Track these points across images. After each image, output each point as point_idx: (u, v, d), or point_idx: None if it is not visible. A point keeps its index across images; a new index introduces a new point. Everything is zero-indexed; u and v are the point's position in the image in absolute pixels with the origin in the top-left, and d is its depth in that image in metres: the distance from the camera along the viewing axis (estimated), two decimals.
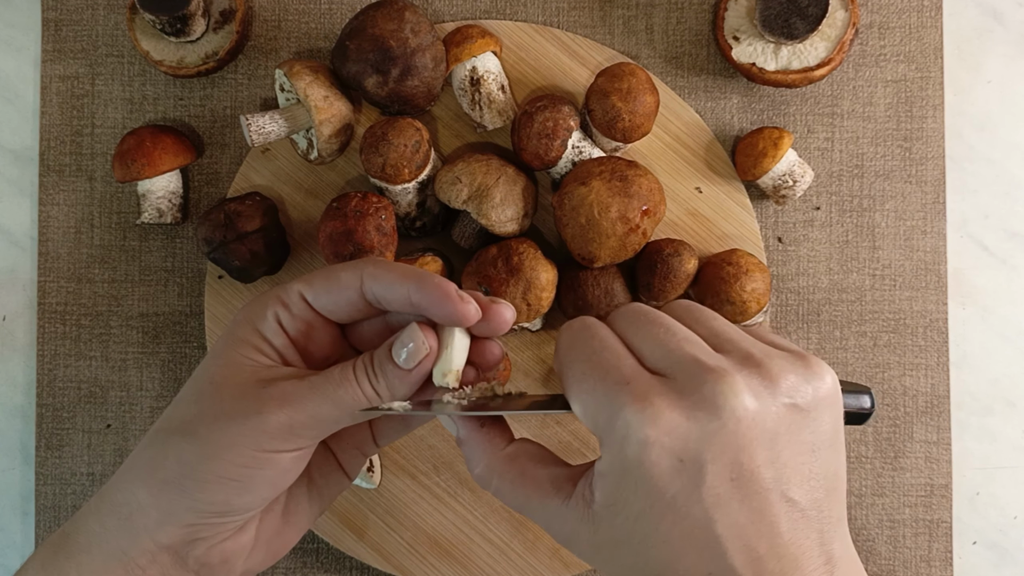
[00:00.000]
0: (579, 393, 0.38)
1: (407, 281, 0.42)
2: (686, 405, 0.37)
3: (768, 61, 0.64)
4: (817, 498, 0.37)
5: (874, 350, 0.67)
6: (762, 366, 0.37)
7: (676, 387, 0.37)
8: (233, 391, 0.42)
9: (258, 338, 0.43)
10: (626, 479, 0.37)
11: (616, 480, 0.37)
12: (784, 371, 0.37)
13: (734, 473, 0.37)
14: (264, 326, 0.43)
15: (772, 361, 0.37)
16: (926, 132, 0.67)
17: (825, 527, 0.37)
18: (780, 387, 0.37)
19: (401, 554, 0.65)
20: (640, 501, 0.37)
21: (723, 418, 0.36)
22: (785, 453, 0.37)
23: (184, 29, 0.63)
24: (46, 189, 0.68)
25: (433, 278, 0.42)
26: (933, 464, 0.66)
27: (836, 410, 0.39)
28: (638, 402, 0.37)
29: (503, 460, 0.42)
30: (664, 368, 0.38)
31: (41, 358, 0.68)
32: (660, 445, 0.36)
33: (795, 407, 0.37)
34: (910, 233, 0.67)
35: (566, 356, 0.40)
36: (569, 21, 0.67)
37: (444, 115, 0.66)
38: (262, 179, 0.66)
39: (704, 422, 0.36)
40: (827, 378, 0.38)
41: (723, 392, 0.36)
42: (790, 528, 0.37)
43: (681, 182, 0.66)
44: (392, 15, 0.61)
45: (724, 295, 0.60)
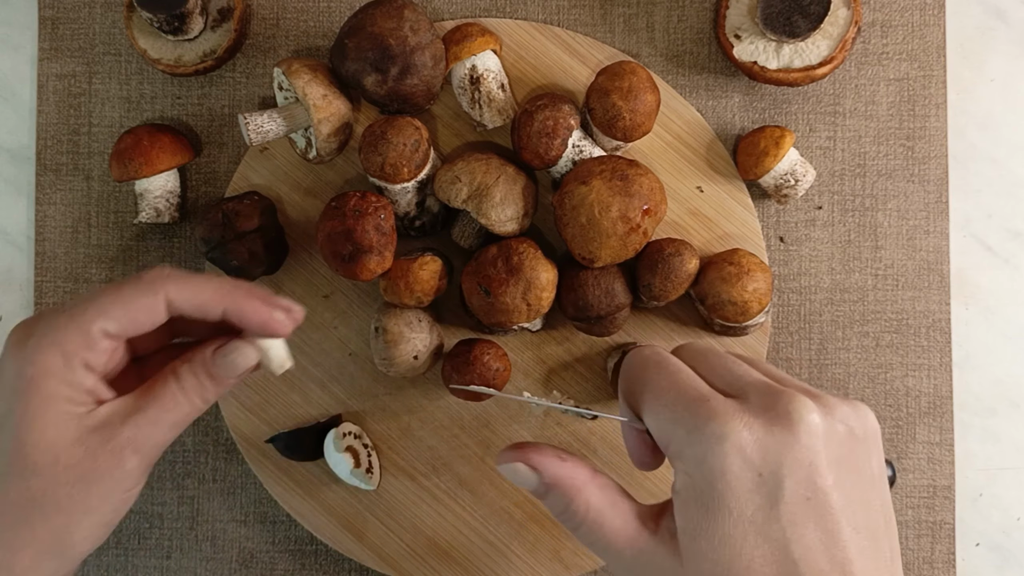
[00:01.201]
0: (656, 409, 0.40)
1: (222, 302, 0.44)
2: (763, 420, 0.39)
3: (770, 59, 0.63)
4: (877, 529, 0.39)
5: (876, 350, 0.66)
6: (819, 396, 0.40)
7: (750, 406, 0.39)
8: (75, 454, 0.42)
9: (71, 389, 0.42)
10: (707, 496, 0.38)
11: (695, 498, 0.39)
12: (838, 402, 0.40)
13: (808, 492, 0.38)
14: (74, 376, 0.42)
15: (826, 393, 0.41)
16: (929, 131, 0.66)
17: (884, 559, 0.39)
18: (837, 414, 0.40)
19: (400, 556, 0.65)
20: (722, 522, 0.38)
21: (798, 432, 0.38)
22: (849, 479, 0.39)
23: (182, 27, 0.63)
24: (43, 188, 0.67)
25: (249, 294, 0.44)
26: (936, 465, 0.66)
27: (881, 447, 0.42)
28: (719, 417, 0.38)
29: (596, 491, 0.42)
30: (736, 391, 0.40)
31: None
32: (741, 457, 0.38)
33: (853, 434, 0.40)
34: (913, 233, 0.66)
35: (639, 375, 0.42)
36: (569, 19, 0.67)
37: (444, 114, 0.66)
38: (260, 178, 0.66)
39: (780, 435, 0.38)
40: (872, 415, 0.41)
41: (797, 408, 0.39)
42: (859, 556, 0.38)
43: (682, 181, 0.65)
44: (391, 13, 0.61)
45: (725, 295, 0.60)
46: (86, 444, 0.42)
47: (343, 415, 0.66)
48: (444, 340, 0.64)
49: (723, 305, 0.60)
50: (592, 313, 0.60)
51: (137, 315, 0.43)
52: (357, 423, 0.66)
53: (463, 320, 0.65)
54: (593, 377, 0.65)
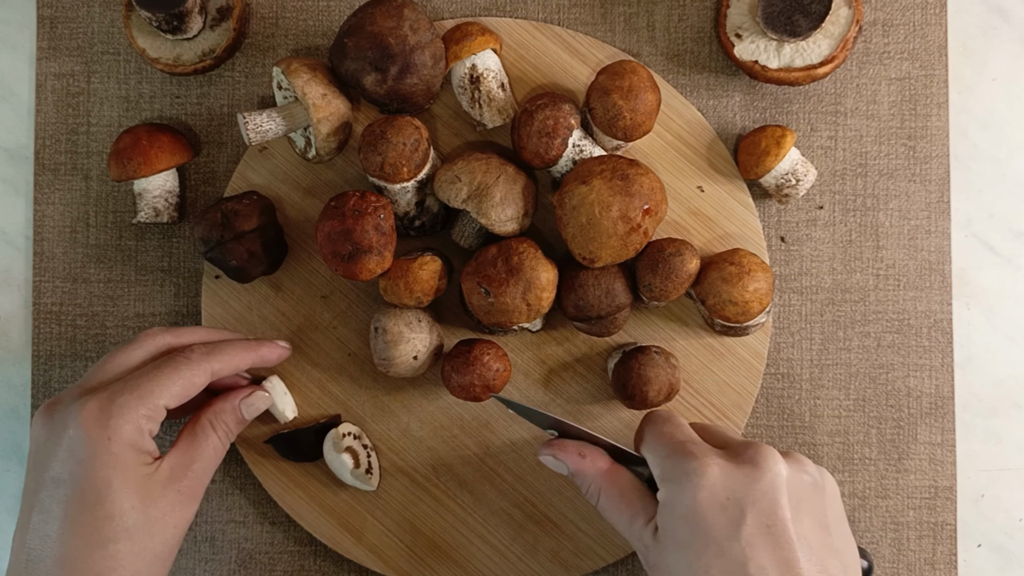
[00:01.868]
0: (655, 447, 0.52)
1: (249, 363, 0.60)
2: (735, 463, 0.49)
3: (771, 59, 0.63)
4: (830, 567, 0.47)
5: (878, 351, 0.66)
6: (791, 455, 0.51)
7: (727, 453, 0.50)
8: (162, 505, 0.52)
9: (140, 454, 0.52)
10: (679, 511, 0.49)
11: (671, 511, 0.49)
12: (806, 460, 0.51)
13: (768, 521, 0.47)
14: (144, 446, 0.52)
15: (798, 454, 0.52)
16: (930, 130, 0.66)
17: None
18: (803, 466, 0.50)
19: (400, 557, 0.65)
20: (689, 533, 0.48)
21: (763, 473, 0.48)
22: (808, 519, 0.48)
23: (181, 26, 0.63)
24: (41, 188, 0.67)
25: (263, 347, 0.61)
26: (937, 466, 0.66)
27: (839, 501, 0.52)
28: (700, 456, 0.50)
29: (606, 479, 0.54)
30: (721, 446, 0.52)
31: (36, 359, 0.67)
32: (711, 488, 0.48)
33: (815, 483, 0.50)
34: (914, 232, 0.66)
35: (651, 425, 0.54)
36: (570, 18, 0.67)
37: (443, 113, 0.65)
38: (259, 178, 0.66)
39: (747, 474, 0.48)
40: (832, 479, 0.52)
41: (765, 456, 0.49)
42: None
43: (683, 181, 0.65)
44: (391, 12, 0.61)
45: (726, 295, 0.60)
46: (158, 502, 0.52)
47: (342, 416, 0.65)
48: (444, 340, 0.64)
49: (724, 305, 0.60)
50: (592, 313, 0.60)
51: (190, 389, 0.55)
52: (356, 424, 0.65)
53: (463, 320, 0.65)
54: (593, 377, 0.65)
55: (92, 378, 0.55)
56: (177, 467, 0.54)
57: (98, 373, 0.55)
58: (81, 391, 0.54)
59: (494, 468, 0.65)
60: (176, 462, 0.54)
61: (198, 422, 0.57)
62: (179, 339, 0.58)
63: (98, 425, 0.50)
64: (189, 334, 0.59)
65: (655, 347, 0.62)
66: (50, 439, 0.52)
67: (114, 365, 0.55)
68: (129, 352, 0.56)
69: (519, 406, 0.57)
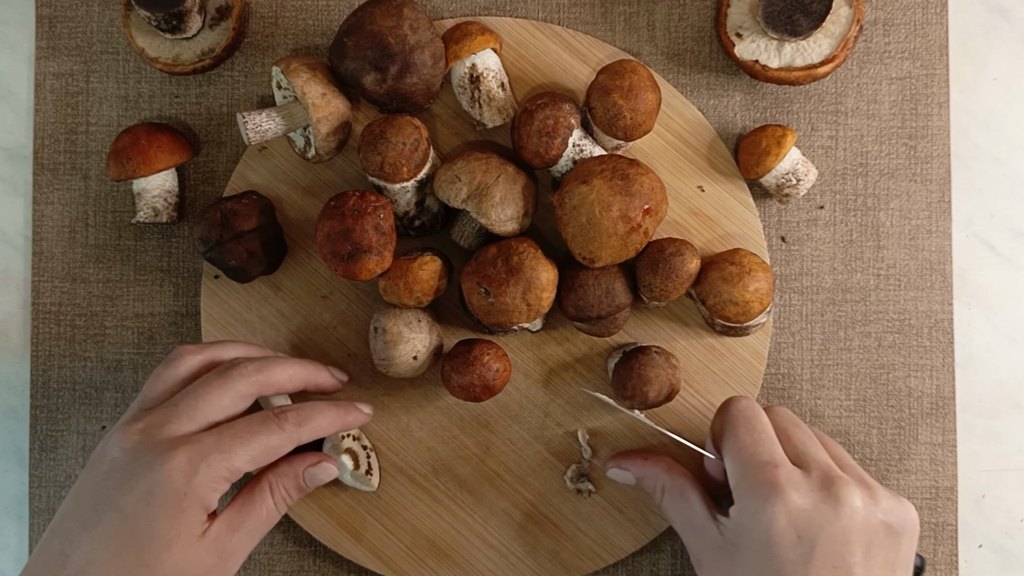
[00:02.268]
0: (735, 458, 0.53)
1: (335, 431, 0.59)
2: (815, 497, 0.50)
3: (771, 58, 0.63)
4: None
5: (879, 351, 0.66)
6: (872, 487, 0.52)
7: (809, 481, 0.51)
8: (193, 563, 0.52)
9: (203, 513, 0.52)
10: (751, 532, 0.51)
11: (742, 528, 0.52)
12: (886, 495, 0.52)
13: (836, 563, 0.49)
14: (209, 502, 0.52)
15: (878, 486, 0.53)
16: (931, 130, 0.66)
17: None
18: (881, 505, 0.51)
19: (400, 557, 0.65)
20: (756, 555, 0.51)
21: (840, 512, 0.50)
22: (875, 563, 0.50)
23: (180, 26, 0.63)
24: (40, 188, 0.67)
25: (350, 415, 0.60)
26: (938, 466, 0.66)
27: (915, 540, 0.52)
28: (779, 483, 0.51)
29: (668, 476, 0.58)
30: (804, 464, 0.53)
31: (35, 359, 0.67)
32: (788, 519, 0.50)
33: (889, 526, 0.51)
34: (915, 232, 0.66)
35: (731, 425, 0.55)
36: (570, 18, 0.66)
37: (443, 113, 0.65)
38: (259, 178, 0.66)
39: (825, 512, 0.50)
40: (913, 511, 0.53)
41: (845, 494, 0.50)
42: None
43: (683, 181, 0.65)
44: (391, 12, 0.60)
45: (727, 295, 0.60)
46: (206, 559, 0.52)
47: None
48: (444, 340, 0.64)
49: (724, 305, 0.60)
50: (592, 313, 0.60)
51: (273, 456, 0.55)
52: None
53: (463, 320, 0.65)
54: (593, 377, 0.65)
55: (149, 399, 0.56)
56: (224, 530, 0.54)
57: (152, 394, 0.56)
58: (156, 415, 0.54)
59: (494, 468, 0.65)
60: (225, 526, 0.54)
61: (258, 484, 0.57)
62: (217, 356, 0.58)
63: (183, 479, 0.51)
64: (227, 350, 0.59)
65: (655, 347, 0.62)
66: (131, 468, 0.51)
67: (164, 386, 0.56)
68: (172, 371, 0.57)
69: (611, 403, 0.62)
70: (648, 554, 0.66)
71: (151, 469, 0.51)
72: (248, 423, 0.54)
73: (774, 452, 0.53)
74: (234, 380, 0.55)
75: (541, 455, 0.65)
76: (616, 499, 0.64)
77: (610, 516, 0.64)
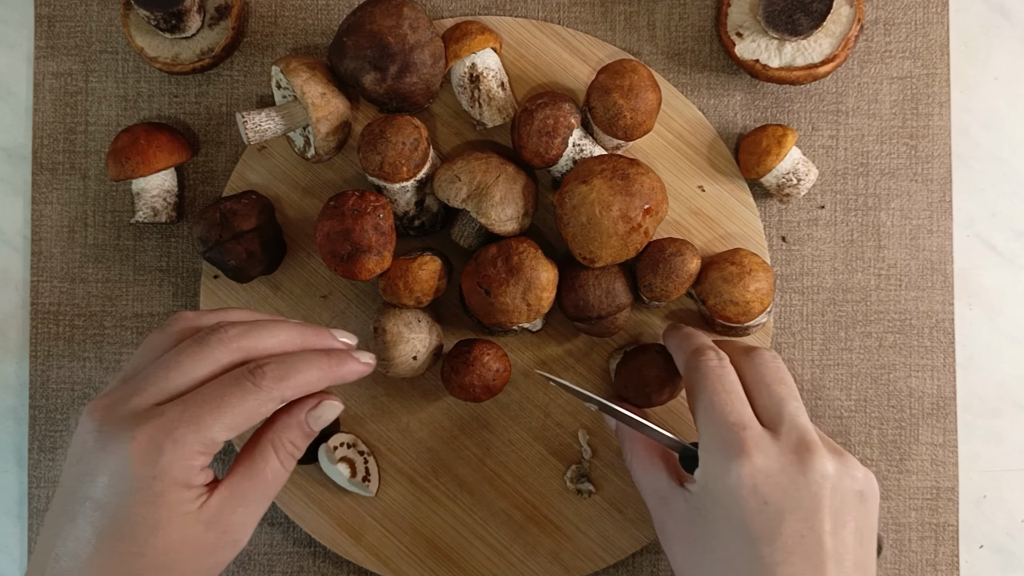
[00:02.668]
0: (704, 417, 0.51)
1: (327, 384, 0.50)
2: (784, 461, 0.48)
3: (772, 58, 0.63)
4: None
5: (879, 351, 0.66)
6: (843, 455, 0.50)
7: (779, 444, 0.49)
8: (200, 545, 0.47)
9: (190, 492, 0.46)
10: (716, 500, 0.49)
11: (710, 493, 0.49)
12: (856, 463, 0.50)
13: (805, 530, 0.46)
14: (193, 481, 0.46)
15: (848, 455, 0.51)
16: (932, 130, 0.66)
17: None
18: (852, 472, 0.49)
19: (399, 558, 0.65)
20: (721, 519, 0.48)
21: (808, 478, 0.47)
22: (846, 532, 0.47)
23: (179, 25, 0.62)
24: (39, 187, 0.67)
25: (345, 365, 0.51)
26: (939, 467, 0.66)
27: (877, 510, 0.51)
28: (746, 448, 0.48)
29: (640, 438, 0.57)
30: (777, 425, 0.50)
31: (34, 359, 0.67)
32: (753, 483, 0.47)
33: (860, 493, 0.49)
34: (916, 232, 0.66)
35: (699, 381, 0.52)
36: (570, 17, 0.66)
37: (443, 112, 0.65)
38: (258, 177, 0.65)
39: (793, 476, 0.47)
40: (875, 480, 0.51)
41: (815, 459, 0.48)
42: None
43: (683, 180, 0.65)
44: (390, 11, 0.60)
45: (727, 295, 0.59)
46: (206, 536, 0.47)
47: (340, 419, 0.65)
48: (444, 340, 0.64)
49: (725, 305, 0.60)
50: (593, 313, 0.60)
51: (253, 420, 0.47)
52: (356, 424, 0.65)
53: (463, 320, 0.65)
54: (594, 378, 0.65)
55: (131, 369, 0.50)
56: (227, 505, 0.48)
57: (137, 362, 0.50)
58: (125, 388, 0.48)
59: (494, 469, 0.65)
60: (227, 497, 0.48)
61: (258, 444, 0.50)
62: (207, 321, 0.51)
63: (146, 461, 0.45)
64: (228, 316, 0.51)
65: (657, 346, 0.62)
66: (96, 453, 0.46)
67: (152, 355, 0.49)
68: (162, 337, 0.50)
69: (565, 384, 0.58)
70: (648, 555, 0.66)
71: (114, 453, 0.45)
72: (217, 385, 0.47)
73: (742, 413, 0.50)
74: (212, 347, 0.48)
75: (541, 455, 0.65)
76: (616, 499, 0.64)
77: (610, 516, 0.64)
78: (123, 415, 0.46)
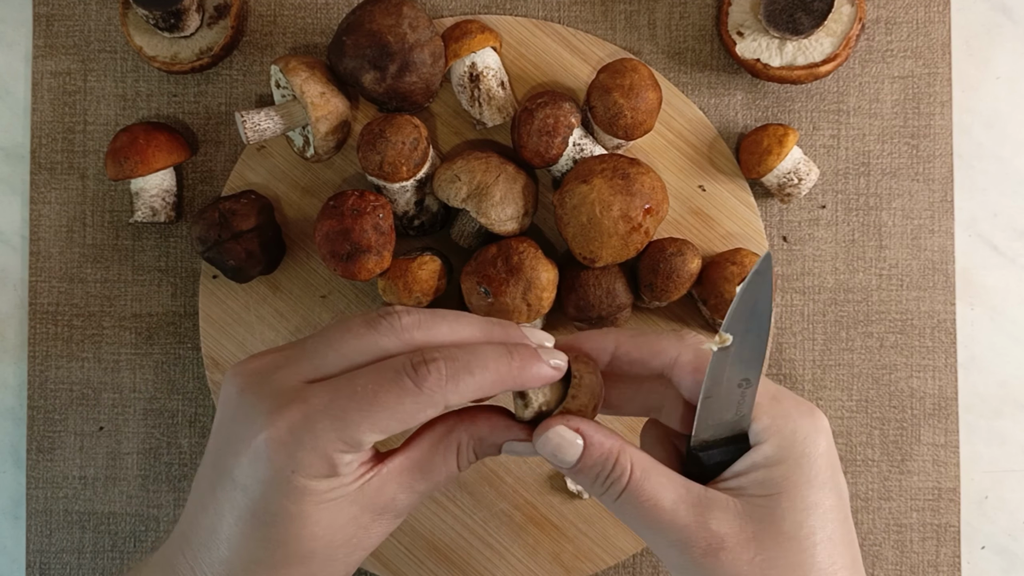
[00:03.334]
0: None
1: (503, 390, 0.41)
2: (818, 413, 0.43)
3: (773, 57, 0.63)
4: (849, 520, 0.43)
5: (881, 351, 0.65)
6: None
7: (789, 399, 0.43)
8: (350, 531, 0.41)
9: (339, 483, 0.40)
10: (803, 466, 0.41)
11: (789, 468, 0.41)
12: None
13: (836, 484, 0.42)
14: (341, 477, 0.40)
15: None
16: (934, 129, 0.66)
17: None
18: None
19: (399, 559, 0.64)
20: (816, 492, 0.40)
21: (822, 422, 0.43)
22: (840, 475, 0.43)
23: (178, 24, 0.62)
24: (37, 187, 0.67)
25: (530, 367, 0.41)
26: (941, 467, 0.65)
27: None
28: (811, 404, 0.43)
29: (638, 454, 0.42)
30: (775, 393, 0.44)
31: (32, 359, 0.67)
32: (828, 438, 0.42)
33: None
34: (917, 232, 0.66)
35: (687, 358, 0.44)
36: (570, 16, 0.66)
37: (443, 112, 0.65)
38: (257, 177, 0.65)
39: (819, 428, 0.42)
40: None
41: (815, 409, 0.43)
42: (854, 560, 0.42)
43: (684, 180, 0.65)
44: (390, 10, 0.60)
45: (728, 295, 0.59)
46: (361, 518, 0.41)
47: None
48: None
49: (726, 305, 0.60)
50: (593, 313, 0.60)
51: (410, 424, 0.40)
52: None
53: None
54: None
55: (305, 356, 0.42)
56: (387, 489, 0.41)
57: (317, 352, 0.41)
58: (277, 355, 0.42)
59: (494, 470, 0.65)
60: (393, 482, 0.41)
61: (445, 439, 0.42)
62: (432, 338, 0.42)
63: (283, 454, 0.39)
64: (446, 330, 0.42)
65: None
66: (235, 425, 0.41)
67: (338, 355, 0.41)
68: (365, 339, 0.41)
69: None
70: (649, 555, 0.65)
71: (253, 435, 0.40)
72: (374, 376, 0.39)
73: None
74: (381, 331, 0.41)
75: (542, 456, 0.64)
76: None
77: (611, 517, 0.64)
78: (266, 388, 0.40)
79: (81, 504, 0.66)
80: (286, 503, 0.39)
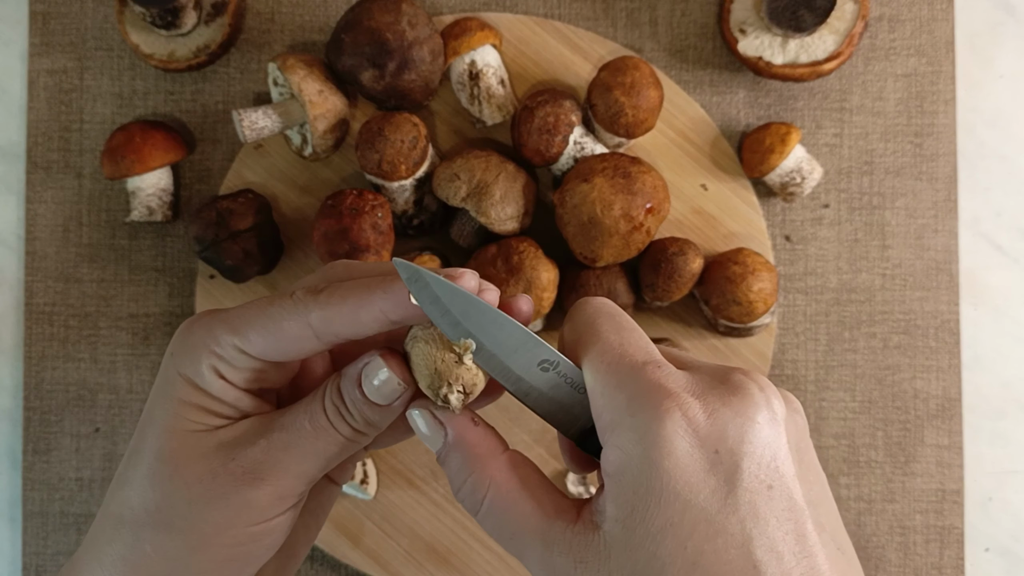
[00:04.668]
0: (598, 366, 0.34)
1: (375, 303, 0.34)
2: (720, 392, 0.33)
3: (775, 55, 0.62)
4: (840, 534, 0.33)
5: (884, 352, 0.65)
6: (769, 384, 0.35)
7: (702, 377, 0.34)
8: (196, 470, 0.36)
9: (201, 396, 0.36)
10: (649, 476, 0.31)
11: (634, 479, 0.32)
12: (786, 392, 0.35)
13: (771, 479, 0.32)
14: (203, 381, 0.36)
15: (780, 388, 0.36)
16: (937, 128, 0.65)
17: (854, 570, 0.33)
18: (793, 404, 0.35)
19: (398, 561, 0.64)
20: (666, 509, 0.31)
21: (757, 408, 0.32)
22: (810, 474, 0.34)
23: (175, 22, 0.62)
24: (33, 186, 0.66)
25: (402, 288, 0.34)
26: (944, 469, 0.65)
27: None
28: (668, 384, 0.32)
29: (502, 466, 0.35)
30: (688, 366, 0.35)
31: (28, 360, 0.66)
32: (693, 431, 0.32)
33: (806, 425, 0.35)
34: (921, 231, 0.65)
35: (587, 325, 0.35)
36: (571, 13, 0.66)
37: (442, 110, 0.64)
38: (255, 176, 0.65)
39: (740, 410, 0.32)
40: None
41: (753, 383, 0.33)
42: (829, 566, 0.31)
43: (686, 179, 0.64)
44: (389, 7, 0.60)
45: (730, 295, 0.59)
46: (209, 462, 0.36)
47: None
48: None
49: (728, 305, 0.59)
50: None
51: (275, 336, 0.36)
52: None
53: None
54: None
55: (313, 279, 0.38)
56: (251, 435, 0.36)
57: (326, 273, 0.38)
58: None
59: None
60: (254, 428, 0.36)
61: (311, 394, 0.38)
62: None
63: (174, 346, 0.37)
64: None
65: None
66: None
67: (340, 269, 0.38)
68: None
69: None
70: None
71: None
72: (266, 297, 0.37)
73: (650, 350, 0.34)
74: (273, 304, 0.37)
75: (542, 458, 0.64)
76: None
77: None
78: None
79: (77, 506, 0.66)
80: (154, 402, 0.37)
